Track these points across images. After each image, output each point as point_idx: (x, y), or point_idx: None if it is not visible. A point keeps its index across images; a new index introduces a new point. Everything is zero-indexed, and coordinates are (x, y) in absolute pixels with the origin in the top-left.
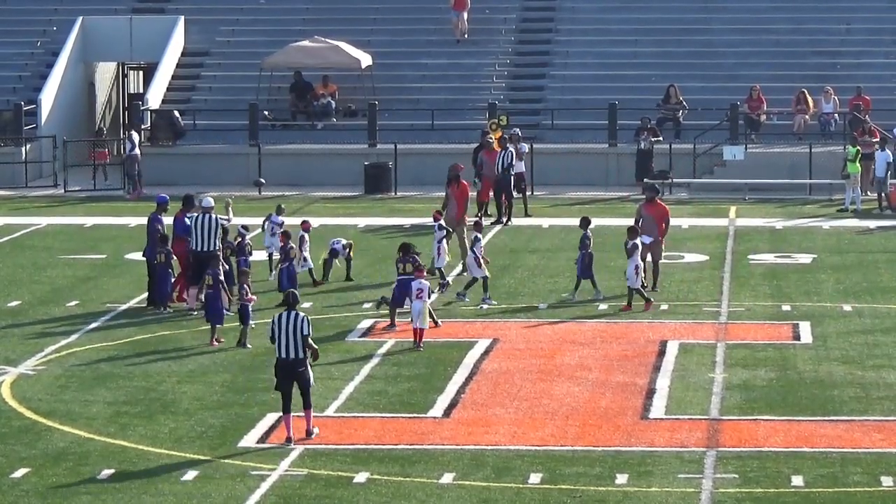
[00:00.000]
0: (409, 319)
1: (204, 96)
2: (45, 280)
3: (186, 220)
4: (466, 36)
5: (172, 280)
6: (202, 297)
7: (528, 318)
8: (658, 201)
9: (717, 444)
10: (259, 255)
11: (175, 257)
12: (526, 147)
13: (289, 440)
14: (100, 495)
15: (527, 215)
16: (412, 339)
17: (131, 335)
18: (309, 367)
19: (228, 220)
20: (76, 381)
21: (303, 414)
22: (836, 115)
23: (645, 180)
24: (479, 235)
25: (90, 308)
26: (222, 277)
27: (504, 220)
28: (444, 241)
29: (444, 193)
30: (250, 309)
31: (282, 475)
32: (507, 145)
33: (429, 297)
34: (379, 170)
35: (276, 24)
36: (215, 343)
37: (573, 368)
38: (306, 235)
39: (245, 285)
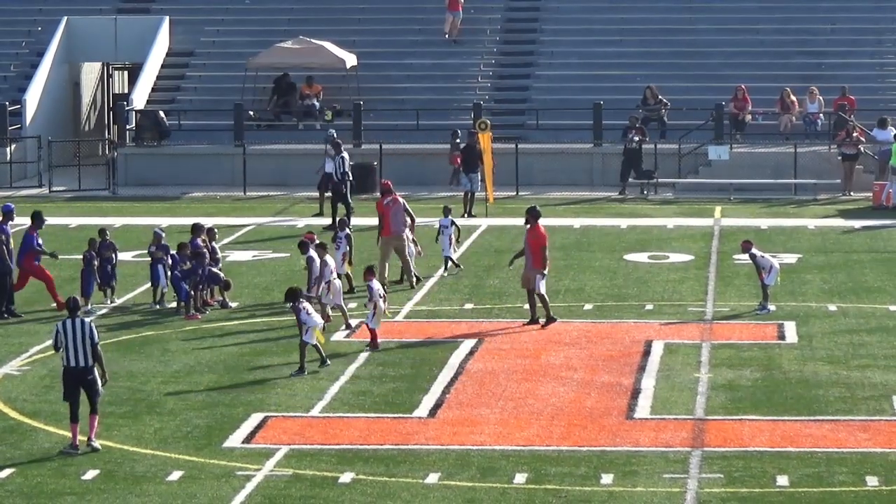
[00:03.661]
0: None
1: (189, 96)
2: (30, 280)
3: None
4: (456, 37)
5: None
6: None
7: (514, 318)
8: (538, 226)
9: (703, 443)
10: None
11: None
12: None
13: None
14: (84, 496)
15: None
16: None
17: (116, 336)
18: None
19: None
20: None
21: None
22: (821, 114)
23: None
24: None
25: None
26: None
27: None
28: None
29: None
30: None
31: (267, 475)
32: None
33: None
34: (364, 170)
35: (261, 25)
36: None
37: (558, 368)
38: None
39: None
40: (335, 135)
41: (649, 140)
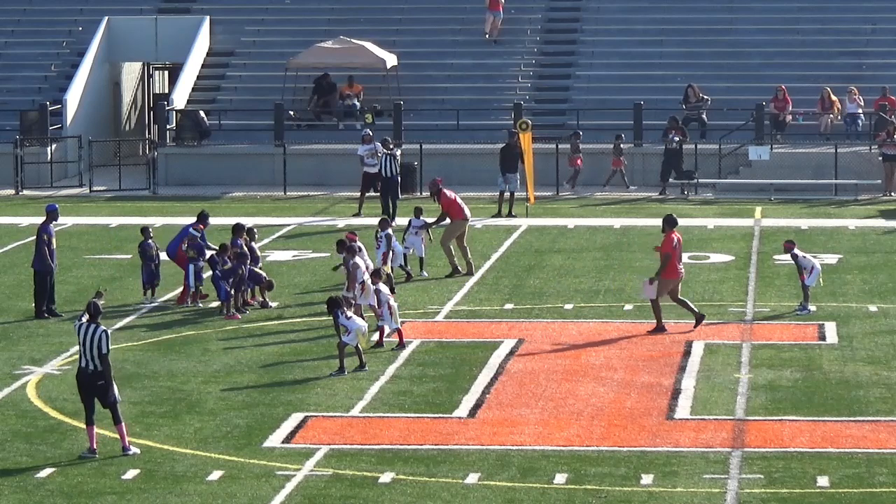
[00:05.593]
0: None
1: (229, 96)
2: (70, 280)
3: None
4: (496, 37)
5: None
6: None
7: (554, 319)
8: (668, 233)
9: (743, 444)
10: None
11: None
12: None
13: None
14: (125, 495)
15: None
16: (439, 338)
17: (156, 335)
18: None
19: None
20: None
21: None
22: (861, 115)
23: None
24: None
25: (115, 308)
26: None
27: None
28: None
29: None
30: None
31: (307, 475)
32: (392, 148)
33: None
34: (404, 170)
35: (302, 25)
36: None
37: (598, 369)
38: None
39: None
40: (370, 134)
41: (689, 140)
